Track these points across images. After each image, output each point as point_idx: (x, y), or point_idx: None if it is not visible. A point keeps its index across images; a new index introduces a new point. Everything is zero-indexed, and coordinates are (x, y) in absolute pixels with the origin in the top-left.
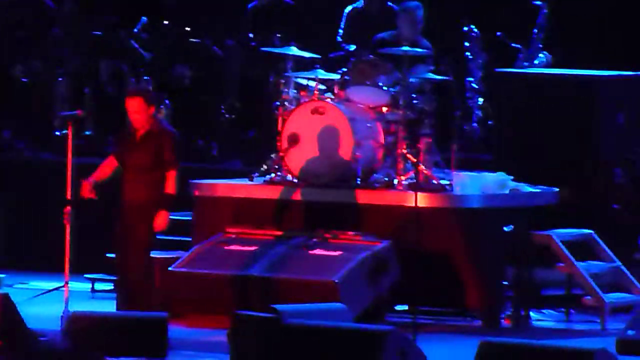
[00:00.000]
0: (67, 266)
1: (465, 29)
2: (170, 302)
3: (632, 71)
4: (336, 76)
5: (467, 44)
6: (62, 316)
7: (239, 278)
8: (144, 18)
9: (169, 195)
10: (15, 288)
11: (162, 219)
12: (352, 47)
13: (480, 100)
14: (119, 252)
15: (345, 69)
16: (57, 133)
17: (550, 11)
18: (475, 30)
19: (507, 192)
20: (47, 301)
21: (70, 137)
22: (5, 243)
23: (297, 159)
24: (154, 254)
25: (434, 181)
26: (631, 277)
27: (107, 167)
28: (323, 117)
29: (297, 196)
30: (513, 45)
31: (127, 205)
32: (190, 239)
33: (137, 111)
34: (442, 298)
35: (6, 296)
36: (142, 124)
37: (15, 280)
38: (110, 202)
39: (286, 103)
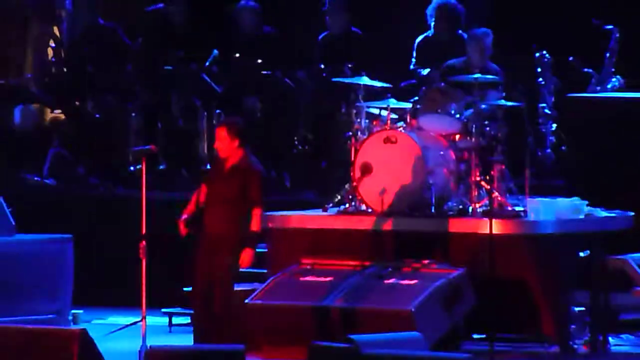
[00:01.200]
0: (144, 301)
1: (537, 54)
2: (247, 334)
3: None
4: (408, 105)
5: (538, 69)
6: (139, 351)
7: (315, 309)
8: (215, 51)
9: (254, 233)
10: (93, 324)
11: (247, 257)
12: (426, 71)
13: (553, 125)
14: (197, 284)
15: (416, 98)
16: (131, 168)
17: (622, 35)
18: (547, 55)
19: (581, 217)
20: (124, 336)
21: (143, 171)
22: (82, 279)
23: (371, 188)
24: None
25: (508, 208)
26: None
27: (199, 196)
28: (395, 146)
29: (371, 226)
30: (585, 70)
31: (209, 236)
32: (265, 271)
33: (220, 139)
34: (518, 325)
35: (84, 332)
36: (226, 154)
37: (92, 316)
38: (185, 236)
39: (358, 133)
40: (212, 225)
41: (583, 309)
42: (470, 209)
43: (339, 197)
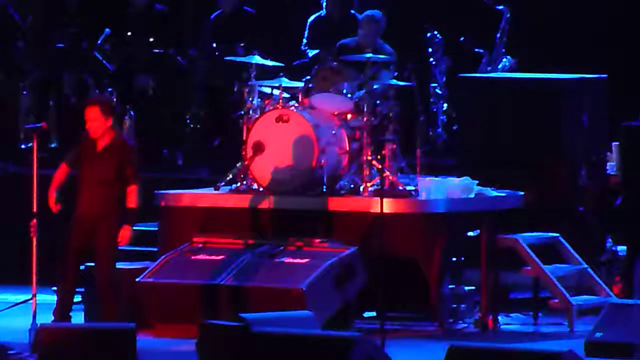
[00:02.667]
0: (34, 279)
1: (428, 34)
2: (138, 312)
3: (595, 74)
4: (300, 84)
5: (430, 49)
6: (30, 329)
7: (206, 287)
8: (107, 30)
9: (133, 210)
10: None
11: (126, 234)
12: (313, 52)
13: (444, 105)
14: (69, 263)
15: (308, 77)
16: (23, 146)
17: (512, 15)
18: (438, 35)
19: (472, 196)
20: (15, 314)
21: (35, 149)
22: None
23: (263, 167)
24: (121, 265)
25: (399, 187)
26: (597, 279)
27: (61, 174)
28: (287, 125)
29: (263, 204)
30: (476, 50)
31: (85, 217)
32: (156, 250)
33: (93, 119)
34: (408, 303)
35: None
36: (100, 134)
37: None
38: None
39: (250, 112)
40: (88, 206)
41: (473, 288)
42: (361, 188)
43: (231, 175)
